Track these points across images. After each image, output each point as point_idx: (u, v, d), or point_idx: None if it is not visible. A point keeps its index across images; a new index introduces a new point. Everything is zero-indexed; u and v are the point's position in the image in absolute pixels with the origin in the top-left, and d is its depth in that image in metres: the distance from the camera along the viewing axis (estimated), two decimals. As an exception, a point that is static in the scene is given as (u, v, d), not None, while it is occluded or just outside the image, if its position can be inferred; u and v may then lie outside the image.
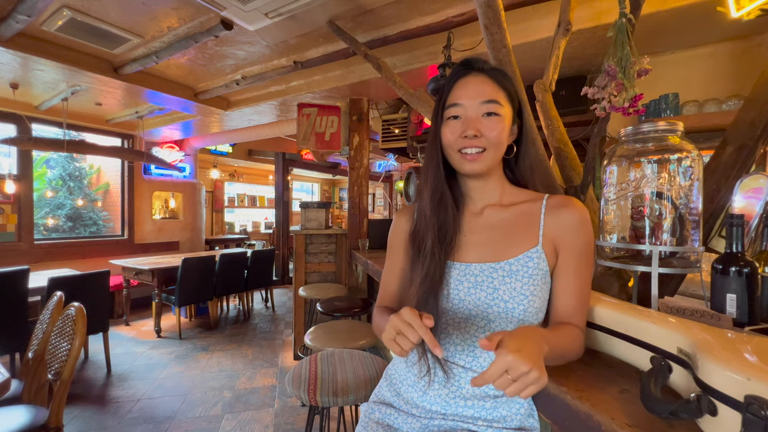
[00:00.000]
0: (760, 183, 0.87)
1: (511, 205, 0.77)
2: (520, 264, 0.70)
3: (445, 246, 0.74)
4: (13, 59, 2.67)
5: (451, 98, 0.74)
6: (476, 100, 0.72)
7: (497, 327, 0.69)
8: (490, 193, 0.79)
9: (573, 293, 0.70)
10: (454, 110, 0.73)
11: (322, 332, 1.82)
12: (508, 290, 0.69)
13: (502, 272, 0.70)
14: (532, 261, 0.70)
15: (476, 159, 0.72)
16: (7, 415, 1.42)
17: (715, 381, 0.47)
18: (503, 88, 0.73)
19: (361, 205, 3.27)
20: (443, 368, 0.72)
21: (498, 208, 0.78)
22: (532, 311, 0.69)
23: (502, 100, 0.72)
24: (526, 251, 0.71)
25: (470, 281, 0.72)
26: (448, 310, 0.73)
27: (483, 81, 0.73)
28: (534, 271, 0.69)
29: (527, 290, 0.68)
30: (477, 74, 0.74)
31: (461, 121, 0.73)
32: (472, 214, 0.79)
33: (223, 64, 2.97)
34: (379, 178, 7.91)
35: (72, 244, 4.56)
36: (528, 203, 0.76)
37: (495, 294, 0.69)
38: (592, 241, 0.72)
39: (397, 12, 2.17)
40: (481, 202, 0.79)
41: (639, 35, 1.19)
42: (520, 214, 0.75)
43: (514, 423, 0.70)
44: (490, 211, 0.78)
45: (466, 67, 0.75)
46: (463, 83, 0.74)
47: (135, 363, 3.26)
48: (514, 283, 0.69)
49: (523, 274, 0.69)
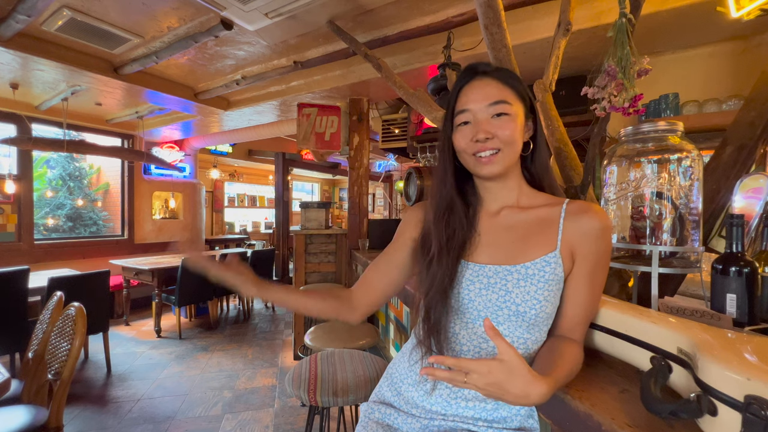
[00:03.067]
0: (760, 183, 0.87)
1: (529, 208, 0.76)
2: (536, 268, 0.69)
3: (454, 252, 0.74)
4: (13, 59, 2.67)
5: (458, 105, 0.74)
6: (483, 104, 0.71)
7: (506, 330, 0.69)
8: (507, 194, 0.78)
9: (583, 303, 0.70)
10: (463, 116, 0.73)
11: (322, 332, 1.82)
12: (521, 294, 0.68)
13: (517, 275, 0.69)
14: (549, 266, 0.69)
15: (491, 161, 0.71)
16: (7, 415, 1.42)
17: (715, 381, 0.47)
18: (511, 87, 0.73)
19: (361, 205, 3.27)
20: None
21: (516, 210, 0.77)
22: (543, 316, 0.68)
23: (510, 99, 0.72)
24: (543, 256, 0.69)
25: (482, 282, 0.71)
26: (457, 309, 0.72)
27: (488, 83, 0.72)
28: (550, 277, 0.68)
29: (540, 295, 0.67)
30: (481, 78, 0.73)
31: (471, 126, 0.72)
32: (489, 215, 0.78)
33: (223, 64, 2.97)
34: (379, 178, 7.91)
35: (72, 244, 4.56)
36: (547, 207, 0.75)
37: (507, 297, 0.68)
38: (610, 250, 0.71)
39: (397, 12, 2.17)
40: (498, 203, 0.78)
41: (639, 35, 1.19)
42: (538, 217, 0.74)
43: (514, 424, 0.70)
44: (507, 212, 0.77)
45: (470, 72, 0.75)
46: (468, 89, 0.73)
47: (135, 363, 3.26)
48: (528, 287, 0.68)
49: (539, 279, 0.68)
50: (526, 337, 0.69)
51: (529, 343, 0.69)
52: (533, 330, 0.69)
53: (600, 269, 0.70)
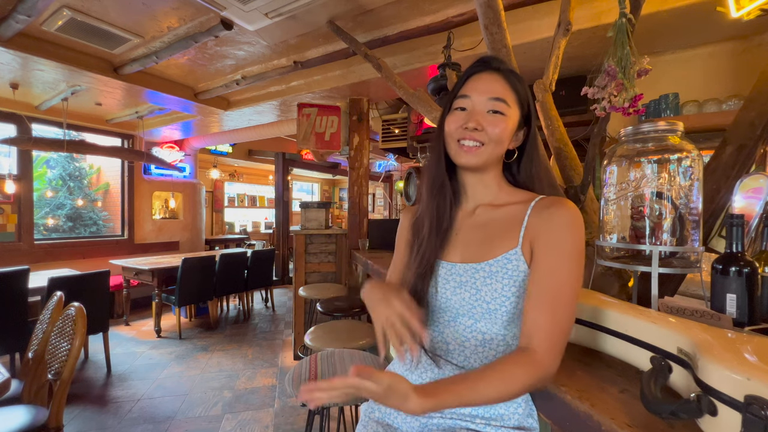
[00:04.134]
0: (760, 183, 0.87)
1: (502, 206, 0.77)
2: (499, 265, 0.69)
3: (442, 233, 0.77)
4: (13, 59, 2.67)
5: (463, 90, 0.75)
6: (484, 96, 0.72)
7: (484, 326, 0.70)
8: (483, 191, 0.79)
9: (541, 301, 0.62)
10: (461, 101, 0.74)
11: (322, 332, 1.82)
12: (489, 291, 0.69)
13: (483, 273, 0.70)
14: (510, 263, 0.69)
15: (472, 152, 0.72)
16: (7, 415, 1.42)
17: (715, 381, 0.47)
18: (514, 90, 0.74)
19: (361, 205, 3.27)
20: (436, 363, 0.73)
21: (490, 208, 0.77)
22: (517, 313, 0.68)
23: (510, 101, 0.73)
24: (505, 253, 0.70)
25: (456, 281, 0.72)
26: (438, 308, 0.74)
27: (495, 79, 0.74)
28: (514, 273, 0.68)
29: (509, 291, 0.68)
30: (491, 72, 0.75)
31: (466, 113, 0.74)
32: (465, 213, 0.80)
33: (223, 64, 2.97)
34: (379, 178, 7.91)
35: (72, 244, 4.56)
36: (518, 204, 0.74)
37: (478, 295, 0.70)
38: (577, 245, 0.64)
39: (397, 12, 2.17)
40: (474, 201, 0.80)
41: (639, 35, 1.19)
42: (507, 214, 0.74)
43: (512, 422, 0.70)
44: (481, 210, 0.78)
45: (483, 63, 0.76)
46: (476, 78, 0.75)
47: (135, 363, 3.26)
48: (494, 284, 0.69)
49: (503, 276, 0.68)
50: (504, 334, 0.70)
51: (509, 339, 0.70)
52: (511, 326, 0.70)
53: (563, 264, 0.62)
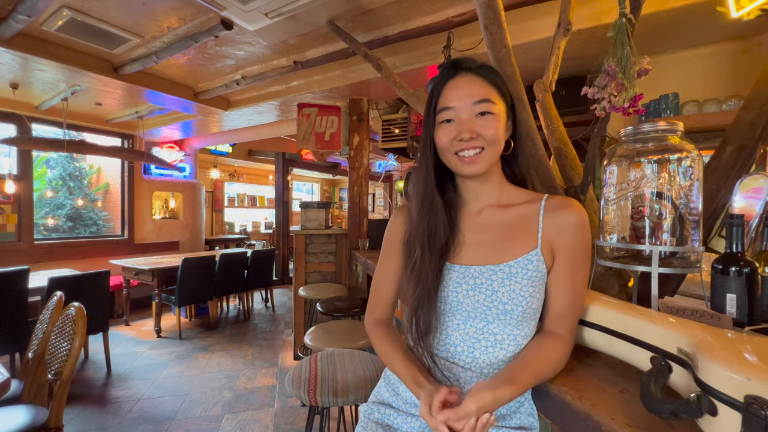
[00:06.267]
0: (760, 183, 0.87)
1: (509, 206, 0.76)
2: (519, 266, 0.70)
3: (437, 252, 0.73)
4: (13, 59, 2.67)
5: (441, 102, 0.72)
6: (468, 101, 0.70)
7: (495, 328, 0.70)
8: (488, 193, 0.78)
9: (567, 296, 0.70)
10: (446, 114, 0.72)
11: (322, 332, 1.82)
12: (507, 292, 0.69)
13: (501, 274, 0.70)
14: (531, 263, 0.70)
15: (474, 160, 0.71)
16: (7, 415, 1.42)
17: (715, 381, 0.47)
18: (494, 86, 0.72)
19: (361, 205, 3.27)
20: (441, 371, 0.72)
21: (496, 208, 0.77)
22: (530, 312, 0.69)
23: (494, 98, 0.71)
24: (526, 254, 0.70)
25: (469, 284, 0.71)
26: (447, 311, 0.73)
27: (473, 81, 0.71)
28: (533, 273, 0.69)
29: (526, 291, 0.68)
30: (466, 74, 0.72)
31: (455, 124, 0.71)
32: (471, 215, 0.78)
33: (223, 64, 2.97)
34: (379, 178, 7.90)
35: (72, 244, 4.56)
36: (527, 204, 0.75)
37: (494, 296, 0.69)
38: (590, 243, 0.71)
39: (397, 12, 2.17)
40: (479, 203, 0.78)
41: (639, 35, 1.19)
42: (519, 215, 0.74)
43: (514, 422, 0.70)
44: (488, 211, 0.77)
45: (453, 67, 0.73)
46: (452, 85, 0.72)
47: (135, 363, 3.26)
48: (513, 285, 0.69)
49: (523, 276, 0.69)
50: (516, 333, 0.70)
51: (519, 339, 0.70)
52: (522, 326, 0.70)
53: (580, 263, 0.70)
